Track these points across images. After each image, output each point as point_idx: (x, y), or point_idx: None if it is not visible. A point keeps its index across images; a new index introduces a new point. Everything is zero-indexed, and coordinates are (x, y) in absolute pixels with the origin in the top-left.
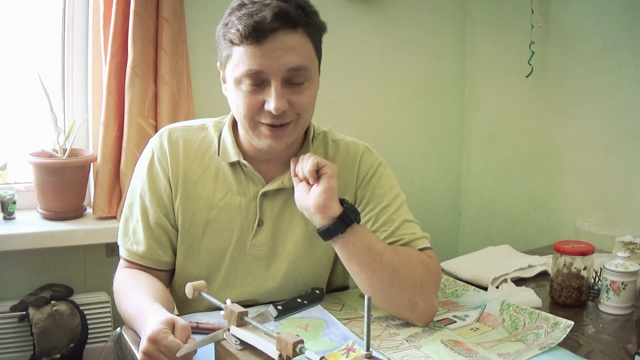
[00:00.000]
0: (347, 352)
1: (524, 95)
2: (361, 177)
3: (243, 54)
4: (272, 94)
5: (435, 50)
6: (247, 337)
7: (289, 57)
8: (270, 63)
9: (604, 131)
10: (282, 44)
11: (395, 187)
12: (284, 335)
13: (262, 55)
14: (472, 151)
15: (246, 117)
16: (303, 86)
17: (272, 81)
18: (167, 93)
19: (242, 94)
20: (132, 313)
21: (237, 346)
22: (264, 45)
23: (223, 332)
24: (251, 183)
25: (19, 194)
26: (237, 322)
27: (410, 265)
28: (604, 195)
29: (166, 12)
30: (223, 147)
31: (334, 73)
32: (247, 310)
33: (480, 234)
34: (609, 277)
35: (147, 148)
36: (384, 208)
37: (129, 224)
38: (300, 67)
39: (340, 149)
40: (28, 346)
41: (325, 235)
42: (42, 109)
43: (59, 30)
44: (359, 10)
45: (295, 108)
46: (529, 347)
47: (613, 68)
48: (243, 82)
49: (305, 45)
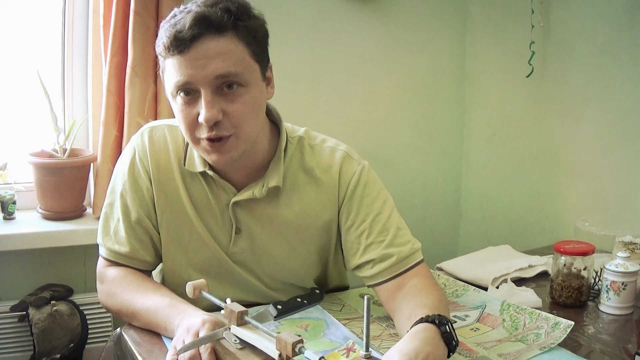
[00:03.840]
0: (347, 352)
1: (524, 95)
2: (343, 188)
3: (171, 66)
4: (202, 104)
5: (435, 50)
6: (247, 337)
7: (215, 64)
8: (196, 72)
9: (604, 131)
10: (207, 51)
11: (382, 191)
12: (283, 335)
13: (187, 64)
14: (472, 151)
15: (187, 133)
16: (236, 94)
17: (201, 90)
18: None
19: (178, 108)
20: (152, 307)
21: (237, 345)
22: (188, 54)
23: (223, 331)
24: (222, 191)
25: (19, 194)
26: (237, 321)
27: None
28: (604, 195)
29: (166, 12)
30: (189, 156)
31: (334, 73)
32: (247, 309)
33: (480, 234)
34: (609, 277)
35: (128, 146)
36: (376, 217)
37: (109, 222)
38: (229, 73)
39: (316, 155)
40: (28, 346)
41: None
42: (42, 109)
43: (59, 30)
44: (359, 10)
45: (232, 119)
46: (529, 347)
47: (613, 68)
48: (177, 95)
49: (235, 51)
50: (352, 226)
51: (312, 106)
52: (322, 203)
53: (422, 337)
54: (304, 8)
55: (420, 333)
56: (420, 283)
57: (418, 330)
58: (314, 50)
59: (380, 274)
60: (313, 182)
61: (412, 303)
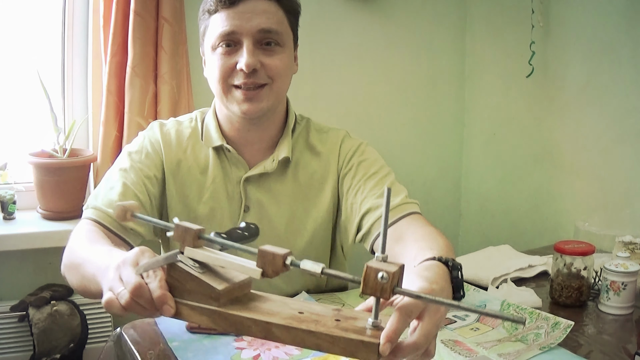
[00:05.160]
0: None
1: (524, 95)
2: (342, 158)
3: (218, 19)
4: (243, 52)
5: (435, 50)
6: (211, 258)
7: (260, 19)
8: (242, 24)
9: (604, 131)
10: (254, 7)
11: (381, 160)
12: (268, 247)
13: (234, 16)
14: (472, 151)
15: (220, 81)
16: (275, 50)
17: (244, 41)
18: (167, 93)
19: (217, 57)
20: (89, 257)
21: (197, 269)
22: (237, 7)
23: (177, 253)
24: (234, 168)
25: (19, 194)
26: (193, 241)
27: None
28: (604, 195)
29: (166, 12)
30: (206, 132)
31: (333, 73)
32: (204, 227)
33: (480, 234)
34: (609, 277)
35: (137, 137)
36: (372, 175)
37: (99, 190)
38: (271, 29)
39: (321, 136)
40: (28, 346)
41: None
42: (42, 109)
43: (59, 30)
44: (359, 10)
45: (268, 70)
46: (529, 347)
47: (613, 68)
48: (218, 46)
49: (277, 13)
50: (350, 187)
51: (312, 106)
52: (324, 175)
53: (432, 273)
54: (303, 8)
55: (428, 270)
56: (421, 230)
57: (426, 267)
58: (314, 50)
59: (374, 226)
60: (316, 157)
61: (417, 246)
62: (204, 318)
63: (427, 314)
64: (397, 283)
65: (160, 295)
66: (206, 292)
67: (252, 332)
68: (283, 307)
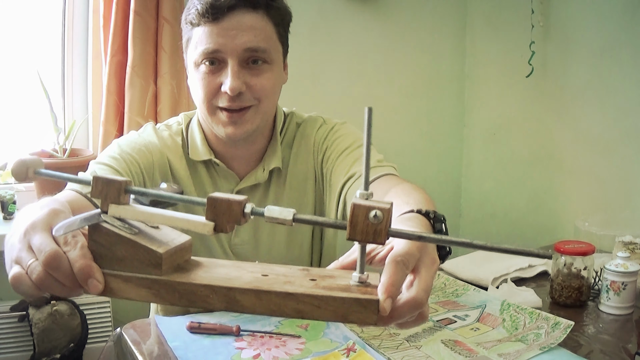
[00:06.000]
0: (347, 352)
1: (524, 95)
2: (317, 147)
3: (201, 34)
4: (228, 74)
5: (435, 50)
6: (144, 215)
7: (246, 36)
8: (226, 42)
9: (604, 131)
10: (240, 23)
11: (357, 133)
12: (219, 194)
13: (218, 33)
14: (472, 151)
15: (204, 101)
16: (262, 69)
17: (228, 60)
18: (167, 93)
19: (200, 76)
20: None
21: (127, 230)
22: (221, 23)
23: (99, 213)
24: (224, 181)
25: (19, 194)
26: (117, 198)
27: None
28: (604, 195)
29: (166, 12)
30: (192, 144)
31: (334, 73)
32: (130, 179)
33: (480, 234)
34: (609, 277)
35: (129, 134)
36: (345, 150)
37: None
38: (258, 48)
39: (299, 129)
40: (28, 346)
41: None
42: (42, 109)
43: (59, 30)
44: (359, 10)
45: (254, 92)
46: (529, 347)
47: (613, 68)
48: (202, 63)
49: (265, 28)
50: (329, 170)
51: (311, 106)
52: (306, 172)
53: (413, 225)
54: (304, 8)
55: (409, 221)
56: (395, 188)
57: (406, 219)
58: (314, 50)
59: (351, 191)
60: (300, 157)
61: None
62: (143, 292)
63: (423, 265)
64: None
65: (83, 265)
66: (143, 258)
67: (211, 302)
68: (240, 271)
